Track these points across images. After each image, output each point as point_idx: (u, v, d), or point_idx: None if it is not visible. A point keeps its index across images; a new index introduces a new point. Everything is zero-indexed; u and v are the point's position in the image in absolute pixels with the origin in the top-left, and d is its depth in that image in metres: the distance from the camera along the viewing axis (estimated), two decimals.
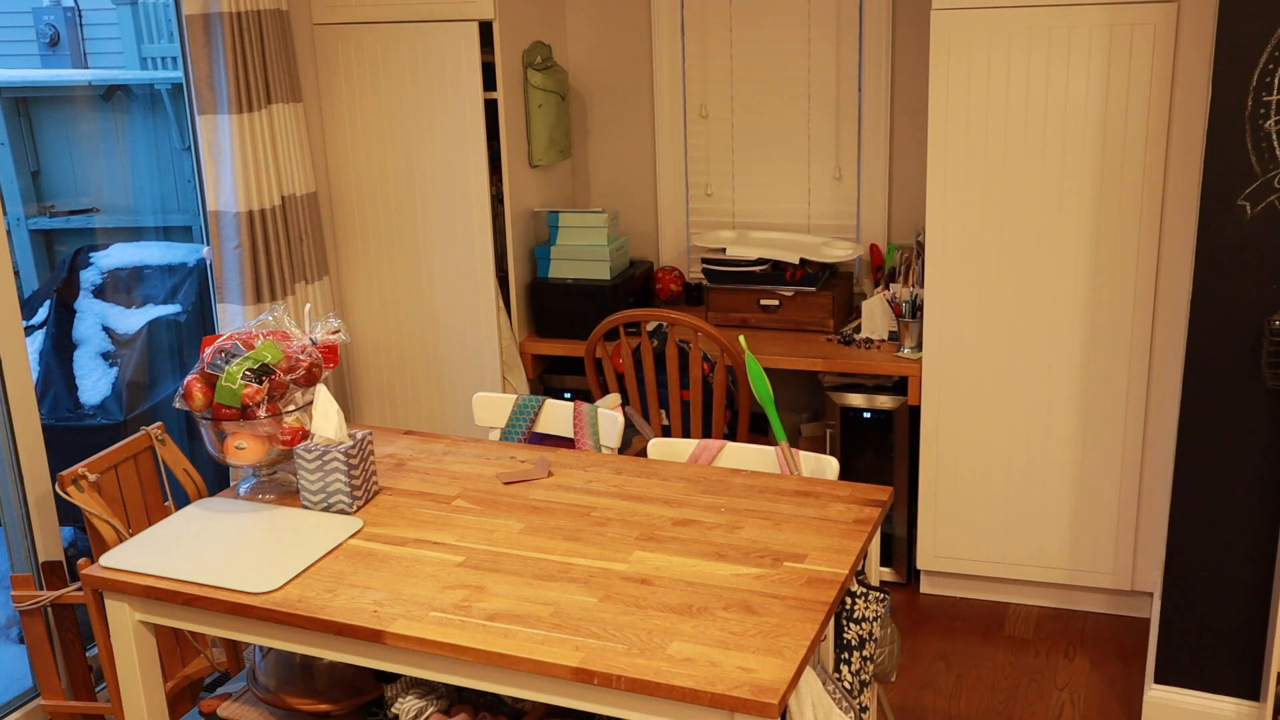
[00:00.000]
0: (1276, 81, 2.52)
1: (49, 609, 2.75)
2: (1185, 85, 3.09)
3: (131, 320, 3.91)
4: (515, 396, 2.99)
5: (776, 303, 3.84)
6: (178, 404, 2.46)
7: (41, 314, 3.91)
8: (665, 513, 2.38)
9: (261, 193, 3.46)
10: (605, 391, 3.58)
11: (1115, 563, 3.47)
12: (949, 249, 3.39)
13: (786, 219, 4.15)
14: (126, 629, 2.27)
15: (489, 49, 3.74)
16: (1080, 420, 3.39)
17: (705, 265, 3.93)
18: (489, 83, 3.76)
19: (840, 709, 2.09)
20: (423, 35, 3.75)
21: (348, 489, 2.41)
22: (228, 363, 2.42)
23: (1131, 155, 3.17)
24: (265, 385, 2.40)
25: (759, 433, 3.78)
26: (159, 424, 2.96)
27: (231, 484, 2.71)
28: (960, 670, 3.33)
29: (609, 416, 2.86)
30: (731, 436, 3.51)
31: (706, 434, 3.48)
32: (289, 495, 2.52)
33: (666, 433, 3.54)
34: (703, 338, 3.37)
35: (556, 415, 2.95)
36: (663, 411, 3.52)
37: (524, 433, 2.96)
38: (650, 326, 3.52)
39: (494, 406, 3.00)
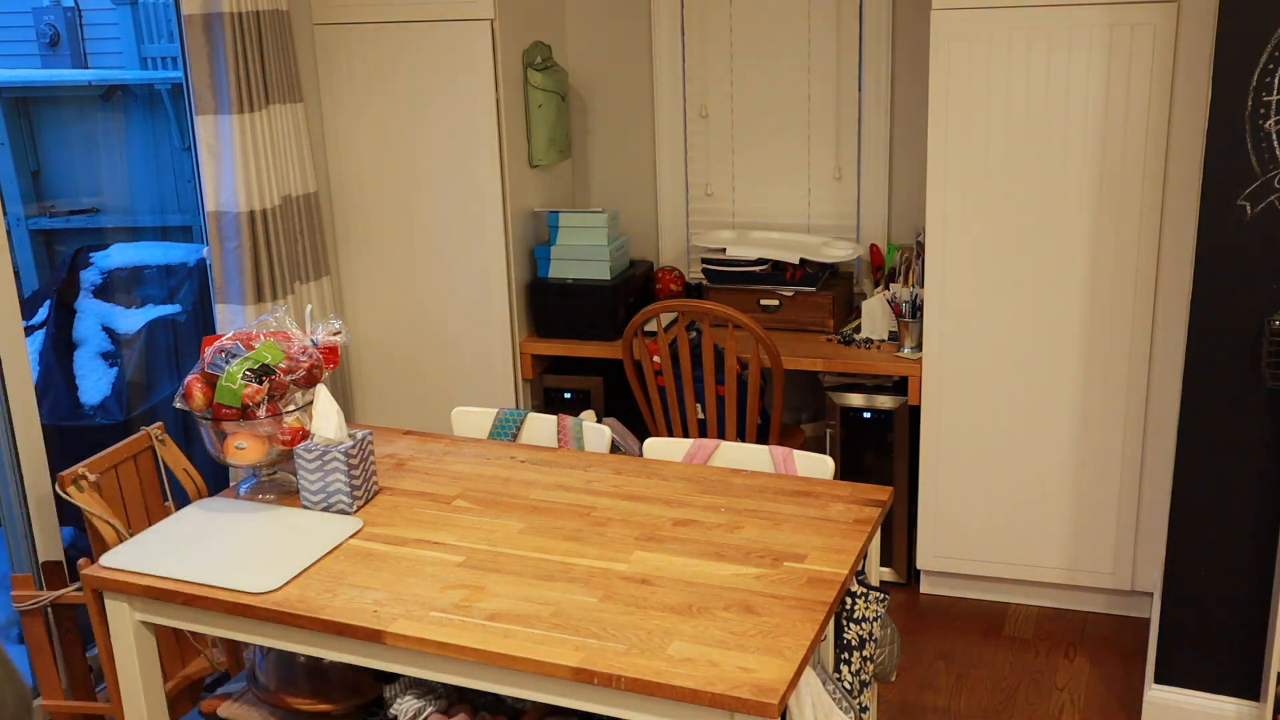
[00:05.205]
0: (1276, 81, 2.52)
1: (49, 609, 2.75)
2: (1185, 85, 3.09)
3: (131, 320, 3.91)
4: (496, 410, 2.91)
5: (776, 303, 3.84)
6: (178, 404, 2.46)
7: (41, 314, 3.91)
8: (665, 513, 2.38)
9: (262, 193, 3.46)
10: (642, 385, 3.56)
11: (1115, 563, 3.47)
12: (949, 249, 3.39)
13: (786, 219, 4.15)
14: (126, 629, 2.28)
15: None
16: (1080, 420, 3.39)
17: (705, 265, 3.93)
18: None
19: (840, 709, 2.09)
20: (423, 35, 3.75)
21: (348, 489, 2.41)
22: (228, 363, 2.42)
23: (1131, 155, 3.17)
24: (265, 385, 2.40)
25: (792, 435, 3.79)
26: (159, 424, 2.96)
27: (231, 484, 2.71)
28: (960, 670, 3.33)
29: (595, 429, 2.80)
30: (764, 435, 3.49)
31: (741, 430, 3.47)
32: (289, 495, 2.52)
33: (702, 427, 3.52)
34: (739, 332, 3.33)
35: (540, 428, 2.88)
36: (698, 405, 3.50)
37: None
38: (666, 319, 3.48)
39: (474, 420, 2.93)
